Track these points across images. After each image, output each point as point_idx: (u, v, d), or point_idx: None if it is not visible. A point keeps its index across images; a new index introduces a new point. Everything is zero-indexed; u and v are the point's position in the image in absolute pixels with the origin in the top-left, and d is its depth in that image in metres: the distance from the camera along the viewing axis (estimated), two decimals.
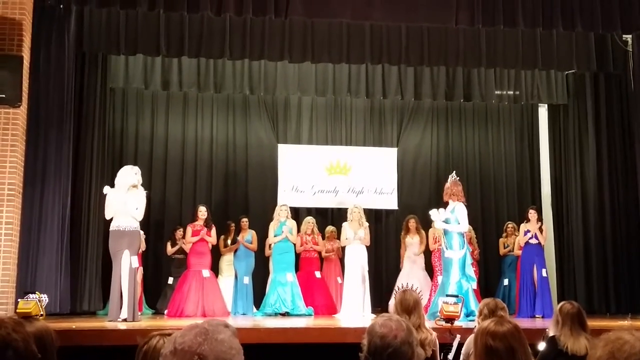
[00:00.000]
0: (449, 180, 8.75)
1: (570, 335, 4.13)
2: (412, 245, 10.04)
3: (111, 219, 7.58)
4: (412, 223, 10.10)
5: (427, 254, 10.10)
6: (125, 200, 7.48)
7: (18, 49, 7.69)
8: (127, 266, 7.43)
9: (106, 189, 7.70)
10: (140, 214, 7.60)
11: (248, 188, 11.22)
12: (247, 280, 9.81)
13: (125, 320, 7.29)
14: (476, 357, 2.56)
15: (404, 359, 2.36)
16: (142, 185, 7.81)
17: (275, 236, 9.55)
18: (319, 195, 11.23)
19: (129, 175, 7.65)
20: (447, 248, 8.40)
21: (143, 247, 9.57)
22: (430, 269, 9.96)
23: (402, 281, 8.69)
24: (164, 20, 9.02)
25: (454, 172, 9.02)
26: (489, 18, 8.44)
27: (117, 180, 7.70)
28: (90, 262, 9.08)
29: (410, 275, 9.54)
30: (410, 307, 4.28)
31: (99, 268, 9.14)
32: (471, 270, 8.37)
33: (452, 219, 8.41)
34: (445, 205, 8.70)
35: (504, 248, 10.41)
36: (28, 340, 2.16)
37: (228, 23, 9.09)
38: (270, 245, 9.78)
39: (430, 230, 9.90)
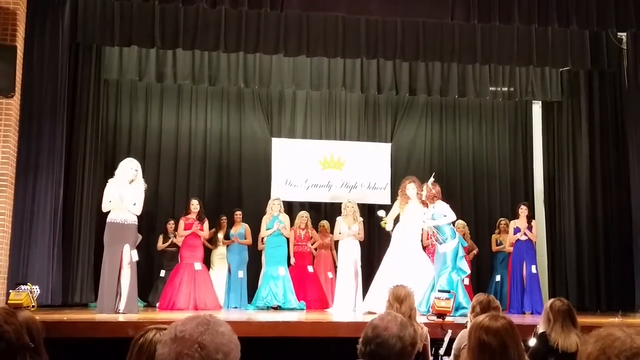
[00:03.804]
0: (429, 182, 8.60)
1: (561, 332, 4.15)
2: (409, 214, 8.54)
3: (108, 211, 7.54)
4: (412, 188, 8.57)
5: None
6: (123, 195, 7.43)
7: (12, 38, 7.66)
8: (128, 259, 7.41)
9: (109, 183, 7.66)
10: (138, 209, 7.54)
11: (241, 181, 11.21)
12: (241, 274, 9.81)
13: (125, 312, 7.29)
14: (469, 351, 2.57)
15: (391, 351, 2.39)
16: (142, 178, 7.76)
17: (267, 230, 9.56)
18: (312, 190, 11.23)
19: (126, 170, 7.60)
20: (440, 242, 8.37)
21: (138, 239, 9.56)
22: None
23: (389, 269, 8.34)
24: (158, 12, 8.99)
25: (433, 174, 8.93)
26: (485, 14, 8.45)
27: (117, 172, 7.66)
28: (82, 254, 9.07)
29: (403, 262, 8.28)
30: (401, 298, 4.36)
31: (91, 260, 9.12)
32: (463, 263, 8.37)
33: (437, 215, 8.40)
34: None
35: (497, 244, 10.43)
36: (20, 331, 2.16)
37: (223, 15, 9.06)
38: (262, 239, 9.79)
39: None
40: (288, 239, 9.71)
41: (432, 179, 8.61)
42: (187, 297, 8.98)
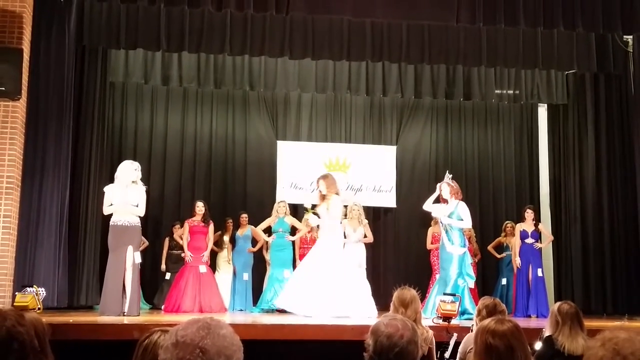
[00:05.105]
0: (447, 178, 8.66)
1: (569, 335, 4.13)
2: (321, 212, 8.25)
3: (110, 214, 7.56)
4: (322, 185, 8.31)
5: (425, 253, 10.08)
6: (125, 197, 7.45)
7: (18, 41, 7.68)
8: (131, 261, 7.42)
9: (106, 188, 7.68)
10: (141, 211, 7.57)
11: (247, 184, 11.20)
12: (246, 277, 9.82)
13: (127, 314, 7.29)
14: (476, 355, 2.56)
15: (411, 358, 2.35)
16: (140, 180, 7.80)
17: (273, 232, 9.55)
18: (318, 192, 11.19)
19: (129, 171, 7.62)
20: (449, 244, 8.33)
21: (145, 243, 9.57)
22: (429, 268, 9.95)
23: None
24: (164, 15, 9.00)
25: (447, 171, 9.01)
26: (490, 17, 8.43)
27: (117, 175, 7.68)
28: (88, 257, 9.07)
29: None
30: (407, 301, 4.33)
31: (96, 262, 9.13)
32: (470, 269, 8.36)
33: (455, 216, 8.39)
34: (439, 201, 8.66)
35: (502, 248, 10.36)
36: (31, 334, 2.16)
37: (229, 18, 9.07)
38: (266, 242, 9.81)
39: (430, 228, 9.92)
40: (294, 242, 9.73)
41: (450, 175, 8.64)
42: (192, 299, 8.98)
